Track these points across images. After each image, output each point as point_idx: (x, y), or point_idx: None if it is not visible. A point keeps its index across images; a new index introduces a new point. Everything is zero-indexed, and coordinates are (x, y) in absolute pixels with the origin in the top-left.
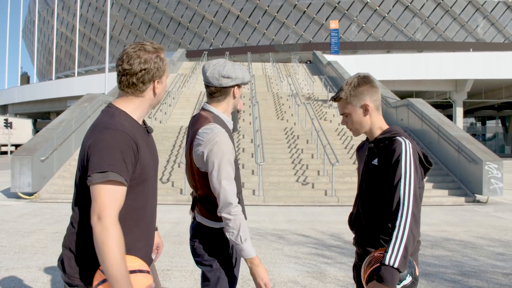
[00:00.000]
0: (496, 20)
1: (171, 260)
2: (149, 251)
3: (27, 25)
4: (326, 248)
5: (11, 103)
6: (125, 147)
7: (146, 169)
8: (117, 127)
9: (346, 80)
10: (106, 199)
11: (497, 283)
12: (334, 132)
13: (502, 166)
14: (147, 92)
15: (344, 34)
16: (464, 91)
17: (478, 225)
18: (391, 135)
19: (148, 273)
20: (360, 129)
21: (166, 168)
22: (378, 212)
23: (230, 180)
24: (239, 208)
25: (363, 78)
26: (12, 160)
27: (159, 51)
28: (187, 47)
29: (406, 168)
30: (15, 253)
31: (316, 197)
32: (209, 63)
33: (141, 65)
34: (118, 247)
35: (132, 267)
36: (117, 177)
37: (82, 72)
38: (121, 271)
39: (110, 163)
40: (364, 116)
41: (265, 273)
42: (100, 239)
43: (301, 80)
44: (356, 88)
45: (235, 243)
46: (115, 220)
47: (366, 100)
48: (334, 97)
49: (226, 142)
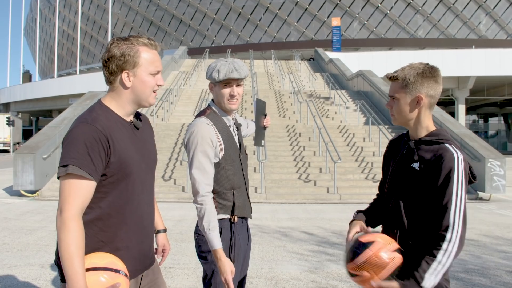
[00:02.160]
0: (498, 17)
1: (173, 257)
2: (143, 249)
3: (28, 23)
4: (328, 245)
5: (13, 101)
6: (91, 141)
7: (127, 163)
8: (87, 121)
9: (412, 63)
10: (68, 193)
11: (500, 281)
12: (336, 130)
13: (504, 163)
14: (116, 84)
15: (346, 31)
16: (466, 88)
17: (481, 223)
18: (439, 139)
19: (116, 272)
20: (402, 120)
21: (168, 166)
22: (413, 222)
23: (202, 170)
24: (206, 197)
25: (430, 68)
26: (15, 158)
27: (136, 44)
28: (188, 44)
29: (459, 187)
30: (17, 250)
31: (318, 194)
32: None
33: (106, 54)
34: (74, 242)
35: (97, 264)
36: (77, 170)
37: (84, 70)
38: (73, 267)
39: (72, 157)
40: (413, 109)
41: (228, 267)
42: (58, 234)
43: (303, 77)
44: (418, 76)
45: (203, 232)
46: (75, 215)
47: (422, 93)
48: (391, 75)
49: (202, 133)
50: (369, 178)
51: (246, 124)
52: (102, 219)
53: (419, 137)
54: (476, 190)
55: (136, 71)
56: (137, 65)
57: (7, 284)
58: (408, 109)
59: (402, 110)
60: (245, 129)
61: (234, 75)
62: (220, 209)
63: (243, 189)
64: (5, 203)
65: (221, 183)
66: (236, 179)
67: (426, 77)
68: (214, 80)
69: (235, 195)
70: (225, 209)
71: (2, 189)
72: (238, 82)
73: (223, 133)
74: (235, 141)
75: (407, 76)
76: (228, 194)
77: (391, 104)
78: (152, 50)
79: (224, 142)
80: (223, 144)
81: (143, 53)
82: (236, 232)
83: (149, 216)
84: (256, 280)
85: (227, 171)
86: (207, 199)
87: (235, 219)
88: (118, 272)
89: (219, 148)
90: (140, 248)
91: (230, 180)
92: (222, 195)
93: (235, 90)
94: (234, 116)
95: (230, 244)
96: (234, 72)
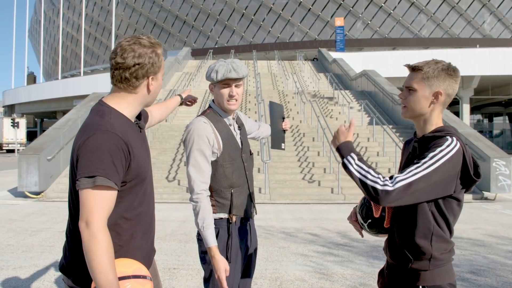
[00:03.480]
0: (503, 16)
1: (177, 258)
2: (151, 247)
3: (33, 25)
4: (333, 246)
5: (18, 103)
6: (114, 149)
7: (143, 167)
8: (107, 128)
9: (435, 59)
10: (94, 204)
11: (507, 281)
12: None
13: (510, 163)
14: (140, 88)
15: (349, 31)
16: (471, 87)
17: (486, 223)
18: (442, 134)
19: (144, 278)
20: (414, 113)
21: (172, 167)
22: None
23: (197, 168)
24: (201, 195)
25: (454, 68)
26: (19, 159)
27: (156, 46)
28: (192, 45)
29: (432, 160)
30: (22, 252)
31: (323, 195)
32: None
33: (135, 59)
34: (106, 254)
35: (126, 273)
36: (106, 181)
37: (88, 72)
38: (108, 279)
39: (98, 167)
40: (429, 103)
41: (221, 265)
42: (88, 246)
43: (307, 77)
44: (442, 71)
45: (198, 229)
46: (103, 226)
47: (442, 89)
48: (414, 65)
49: (198, 131)
50: None
51: (257, 126)
52: (119, 224)
53: (425, 133)
54: (481, 190)
55: (158, 75)
56: (160, 69)
57: (12, 285)
58: (425, 103)
59: (418, 102)
60: (255, 130)
61: (232, 75)
62: (218, 207)
63: (244, 189)
64: (10, 204)
65: (219, 181)
66: (235, 177)
67: (449, 75)
68: (213, 81)
69: (233, 194)
70: (223, 207)
71: (7, 191)
72: (237, 82)
73: (222, 132)
74: (236, 140)
75: (431, 69)
76: (226, 192)
77: (406, 95)
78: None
79: (223, 141)
80: (221, 143)
81: (161, 56)
82: (233, 232)
83: (154, 215)
84: (261, 281)
85: (225, 169)
86: (202, 197)
87: (233, 218)
88: (145, 278)
89: (216, 146)
90: (149, 246)
91: (228, 178)
92: (220, 193)
93: (234, 90)
94: (235, 116)
95: (227, 244)
96: (232, 72)
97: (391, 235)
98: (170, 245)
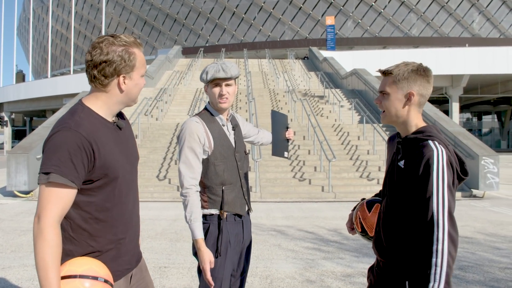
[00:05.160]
0: (491, 15)
1: (168, 257)
2: (132, 248)
3: (21, 23)
4: (323, 243)
5: (7, 102)
6: (75, 148)
7: (114, 167)
8: (70, 126)
9: (406, 61)
10: (48, 201)
11: (494, 277)
12: (330, 128)
13: (498, 161)
14: (111, 87)
15: (340, 30)
16: (460, 86)
17: (475, 220)
18: (423, 136)
19: (93, 279)
20: (391, 116)
21: (162, 166)
22: (400, 229)
23: (187, 164)
24: (190, 190)
25: (425, 68)
26: (8, 158)
27: (130, 45)
28: (183, 44)
29: (439, 182)
30: (11, 251)
31: (313, 193)
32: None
33: (101, 57)
34: (50, 250)
35: (73, 272)
36: (59, 179)
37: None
38: (46, 276)
39: (54, 164)
40: (404, 105)
41: (206, 257)
42: (35, 241)
43: (298, 76)
44: (412, 72)
45: (186, 222)
46: (53, 223)
47: (414, 89)
48: (384, 70)
49: (190, 130)
50: (363, 176)
51: (256, 131)
52: (91, 224)
53: (407, 135)
54: (470, 187)
55: (132, 75)
56: (134, 69)
57: (0, 285)
58: (399, 105)
59: (392, 105)
60: (254, 134)
61: (220, 75)
62: (210, 203)
63: (237, 186)
64: None
65: (211, 179)
66: (226, 175)
67: (419, 75)
68: (204, 81)
69: (224, 191)
70: (214, 204)
71: None
72: (227, 81)
73: (214, 132)
74: (229, 139)
75: (401, 72)
76: (218, 189)
77: (381, 99)
78: (141, 50)
79: (214, 140)
80: (212, 142)
81: (137, 55)
82: (224, 228)
83: (135, 215)
84: (251, 279)
85: (217, 167)
86: (191, 191)
87: (224, 214)
88: (96, 279)
89: (207, 144)
90: (129, 247)
91: (220, 176)
92: (212, 190)
93: (224, 89)
94: (229, 116)
95: (217, 239)
96: (221, 71)
97: (378, 236)
98: (160, 243)
